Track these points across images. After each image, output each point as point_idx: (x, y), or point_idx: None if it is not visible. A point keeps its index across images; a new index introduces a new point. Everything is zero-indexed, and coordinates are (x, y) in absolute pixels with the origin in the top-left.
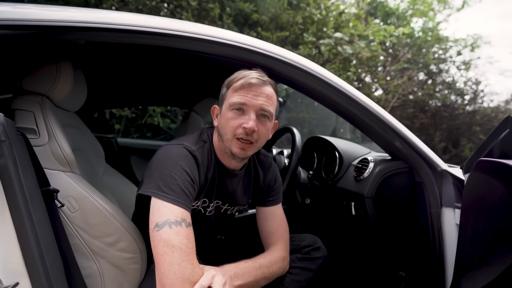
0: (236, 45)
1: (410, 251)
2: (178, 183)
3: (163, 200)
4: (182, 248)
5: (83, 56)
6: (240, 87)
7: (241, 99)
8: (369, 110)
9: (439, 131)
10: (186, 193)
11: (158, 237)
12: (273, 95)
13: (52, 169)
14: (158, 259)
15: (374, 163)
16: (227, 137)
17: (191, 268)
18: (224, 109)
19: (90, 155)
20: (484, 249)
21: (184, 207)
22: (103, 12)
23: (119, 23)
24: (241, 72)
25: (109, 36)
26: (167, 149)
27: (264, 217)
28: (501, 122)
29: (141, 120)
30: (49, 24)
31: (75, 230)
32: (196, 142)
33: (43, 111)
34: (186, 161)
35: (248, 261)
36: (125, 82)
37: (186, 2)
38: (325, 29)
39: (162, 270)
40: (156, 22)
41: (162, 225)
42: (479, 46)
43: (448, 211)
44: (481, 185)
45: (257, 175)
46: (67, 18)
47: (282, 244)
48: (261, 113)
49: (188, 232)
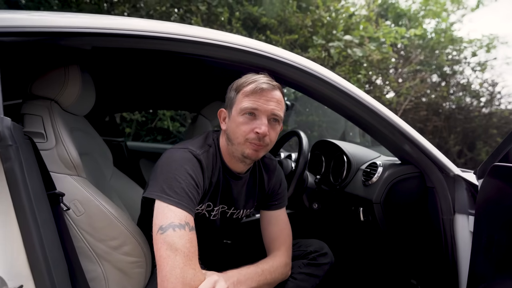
0: (242, 49)
1: (421, 258)
2: (182, 186)
3: (167, 203)
4: (185, 252)
5: (92, 61)
6: (251, 92)
7: (253, 104)
8: (377, 113)
9: (454, 134)
10: (190, 197)
11: (162, 240)
12: (282, 99)
13: (59, 172)
14: (160, 262)
15: (383, 168)
16: (238, 141)
17: (193, 273)
18: (234, 114)
19: (98, 159)
20: (499, 259)
21: (187, 210)
22: (108, 18)
23: (122, 28)
24: (250, 76)
25: (113, 41)
26: (172, 152)
27: (267, 221)
28: None
29: (151, 123)
30: (53, 31)
31: (80, 233)
32: (201, 146)
33: (51, 115)
34: (191, 165)
35: (251, 267)
36: (133, 86)
37: (195, 7)
38: (334, 32)
39: (163, 273)
40: (158, 27)
41: (166, 228)
42: (495, 47)
43: (461, 218)
44: (495, 191)
45: (262, 178)
46: (71, 24)
47: (284, 250)
48: (272, 117)
49: (191, 236)
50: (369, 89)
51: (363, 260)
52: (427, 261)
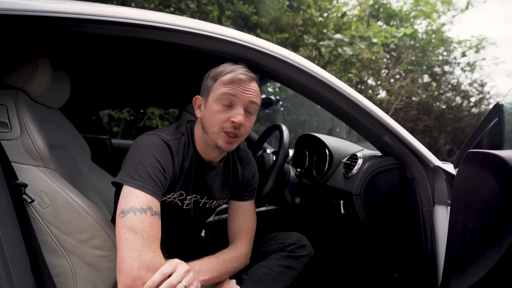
0: (217, 37)
1: (402, 251)
2: (147, 170)
3: (132, 187)
4: (144, 236)
5: (71, 55)
6: (229, 81)
7: (232, 91)
8: (356, 103)
9: (444, 133)
10: (155, 180)
11: (122, 223)
12: (258, 91)
13: (23, 163)
14: (119, 244)
15: (363, 160)
16: (213, 129)
17: (152, 256)
18: (210, 101)
19: (74, 153)
20: (472, 247)
21: (151, 193)
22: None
23: (80, 12)
24: (228, 66)
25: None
26: (142, 138)
27: (235, 211)
28: (490, 110)
29: (140, 122)
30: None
31: (46, 227)
32: (173, 133)
33: (17, 105)
34: (159, 149)
35: (212, 257)
36: (116, 82)
37: (185, 5)
38: (325, 31)
39: (121, 255)
40: (129, 13)
41: (127, 211)
42: (484, 47)
43: (441, 209)
44: (470, 179)
45: (236, 169)
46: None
47: (246, 240)
48: (249, 106)
49: (153, 221)
50: (360, 88)
51: (344, 253)
52: (407, 254)
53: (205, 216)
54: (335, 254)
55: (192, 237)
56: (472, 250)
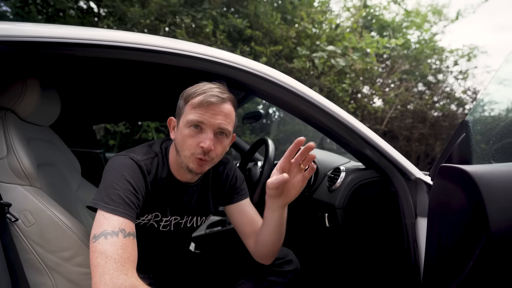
0: (202, 58)
1: (386, 264)
2: (118, 193)
3: (104, 211)
4: (116, 258)
5: (62, 73)
6: (198, 105)
7: (199, 117)
8: (335, 117)
9: (440, 141)
10: (127, 202)
11: (94, 248)
12: (231, 112)
13: (9, 182)
14: (92, 270)
15: (345, 173)
16: (184, 153)
17: (124, 278)
18: (181, 125)
19: (63, 169)
20: (446, 260)
21: (124, 215)
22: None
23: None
24: (200, 86)
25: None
26: (113, 160)
27: (237, 215)
28: (458, 126)
29: (136, 135)
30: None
31: (29, 245)
32: (145, 153)
33: (5, 125)
34: (129, 171)
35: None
36: (106, 98)
37: (180, 20)
38: (318, 43)
39: (94, 281)
40: (117, 36)
41: (98, 236)
42: (476, 56)
43: (423, 221)
44: (443, 193)
45: (215, 184)
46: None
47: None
48: (218, 131)
49: (125, 242)
50: (355, 98)
51: (329, 266)
52: (391, 266)
53: (189, 234)
54: (321, 268)
55: (178, 254)
56: (446, 263)
